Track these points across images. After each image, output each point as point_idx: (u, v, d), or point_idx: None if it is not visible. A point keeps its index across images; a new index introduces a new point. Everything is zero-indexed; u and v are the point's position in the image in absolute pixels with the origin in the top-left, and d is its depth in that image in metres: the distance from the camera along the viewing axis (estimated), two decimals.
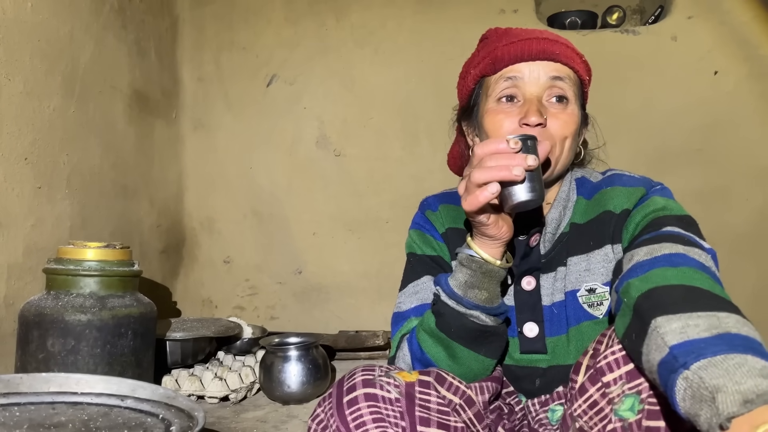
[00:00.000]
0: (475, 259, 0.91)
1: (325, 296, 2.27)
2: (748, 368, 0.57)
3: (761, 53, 1.96)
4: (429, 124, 2.14)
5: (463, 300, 0.92)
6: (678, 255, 0.78)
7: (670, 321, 0.66)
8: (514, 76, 0.99)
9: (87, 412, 0.95)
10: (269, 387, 1.56)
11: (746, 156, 1.98)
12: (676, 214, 0.91)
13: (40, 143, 1.56)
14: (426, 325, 0.96)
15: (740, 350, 0.59)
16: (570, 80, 0.99)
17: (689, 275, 0.73)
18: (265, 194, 2.30)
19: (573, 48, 1.02)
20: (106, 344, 1.32)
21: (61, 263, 1.37)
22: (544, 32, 1.03)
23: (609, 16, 2.17)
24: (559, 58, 0.99)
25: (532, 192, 0.86)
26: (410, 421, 0.82)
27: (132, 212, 2.01)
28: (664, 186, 1.01)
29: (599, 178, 1.07)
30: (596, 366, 0.79)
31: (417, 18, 2.18)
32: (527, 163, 0.84)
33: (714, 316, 0.65)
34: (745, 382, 0.55)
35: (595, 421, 0.78)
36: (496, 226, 0.89)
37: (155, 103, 2.15)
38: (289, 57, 2.27)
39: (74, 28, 1.69)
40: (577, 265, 1.00)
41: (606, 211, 0.99)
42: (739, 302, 2.14)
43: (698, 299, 0.68)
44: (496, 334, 0.94)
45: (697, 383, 0.58)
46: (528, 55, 0.99)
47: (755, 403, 0.54)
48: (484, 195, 0.84)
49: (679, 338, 0.64)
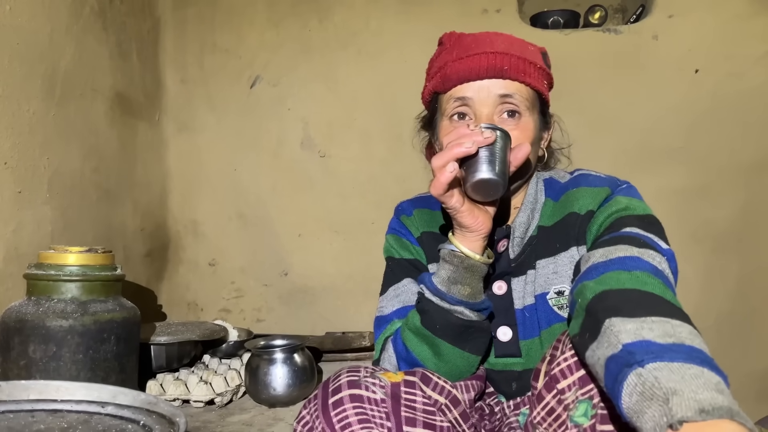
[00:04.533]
0: (457, 254, 0.91)
1: (312, 298, 2.26)
2: (705, 381, 0.57)
3: (741, 51, 1.98)
4: (413, 125, 2.13)
5: (447, 296, 0.92)
6: (632, 258, 0.78)
7: (625, 322, 0.66)
8: (463, 96, 0.99)
9: (66, 419, 0.94)
10: (255, 390, 1.55)
11: (727, 154, 2.00)
12: (637, 213, 0.92)
13: (20, 147, 1.54)
14: (411, 324, 0.96)
15: (697, 362, 0.59)
16: (521, 95, 0.98)
17: (642, 279, 0.73)
18: (250, 196, 2.29)
19: (525, 58, 0.99)
20: (89, 350, 1.30)
21: (42, 268, 1.35)
22: (496, 42, 1.01)
23: (591, 16, 2.18)
24: (508, 74, 0.97)
25: (490, 172, 0.86)
26: (396, 422, 0.82)
27: (115, 216, 1.99)
28: (630, 185, 1.01)
29: (567, 178, 1.07)
30: (551, 373, 0.80)
31: (400, 18, 2.18)
32: (483, 136, 0.85)
33: (668, 322, 0.65)
34: (701, 393, 0.56)
35: (554, 427, 0.79)
36: (472, 214, 0.89)
37: (138, 105, 2.13)
38: (273, 58, 2.26)
39: (54, 30, 1.67)
40: (545, 268, 1.01)
41: (571, 213, 1.00)
42: (722, 299, 2.17)
43: (652, 305, 0.69)
44: (481, 329, 0.95)
45: (651, 382, 0.58)
46: (475, 74, 0.98)
47: (711, 414, 0.54)
48: (444, 175, 0.85)
49: (634, 338, 0.64)
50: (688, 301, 2.05)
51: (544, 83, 1.02)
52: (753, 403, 1.95)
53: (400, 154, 2.17)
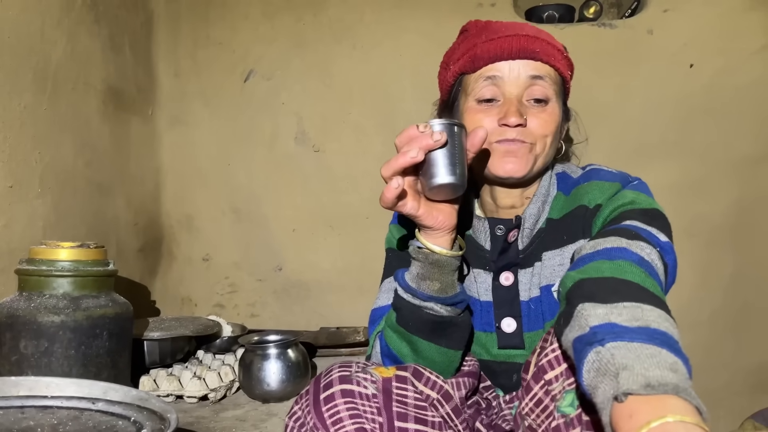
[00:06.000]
0: (422, 250, 0.91)
1: (306, 293, 2.26)
2: (660, 360, 0.58)
3: (736, 46, 1.98)
4: (408, 119, 2.12)
5: (417, 292, 0.91)
6: (618, 249, 0.78)
7: (596, 307, 0.67)
8: (493, 76, 0.99)
9: (57, 416, 0.93)
10: (249, 385, 1.55)
11: (722, 148, 2.00)
12: (641, 207, 0.92)
13: (11, 141, 1.53)
14: (389, 321, 0.96)
15: (657, 344, 0.60)
16: (550, 78, 0.99)
17: (623, 268, 0.74)
18: (244, 191, 2.28)
19: (554, 44, 1.01)
20: (81, 345, 1.29)
21: (34, 264, 1.34)
22: (525, 27, 1.02)
23: (586, 10, 2.18)
24: (539, 56, 0.98)
25: (447, 176, 0.82)
26: (387, 417, 0.82)
27: (108, 211, 1.98)
28: (642, 181, 1.01)
29: (579, 173, 1.07)
30: (539, 364, 0.80)
31: (395, 12, 2.17)
32: (433, 139, 0.83)
33: (638, 308, 0.66)
34: (653, 370, 0.57)
35: (542, 418, 0.79)
36: (431, 216, 0.88)
37: (131, 99, 2.12)
38: (267, 52, 2.25)
39: (45, 23, 1.66)
40: (551, 260, 1.01)
41: (580, 206, 1.00)
42: (716, 293, 2.16)
43: (627, 292, 0.69)
44: (454, 324, 0.94)
45: (607, 359, 0.60)
46: (508, 53, 0.98)
47: (656, 390, 0.55)
48: (389, 191, 0.84)
49: (601, 321, 0.65)
50: (682, 295, 2.05)
51: (568, 72, 1.04)
52: (747, 396, 1.96)
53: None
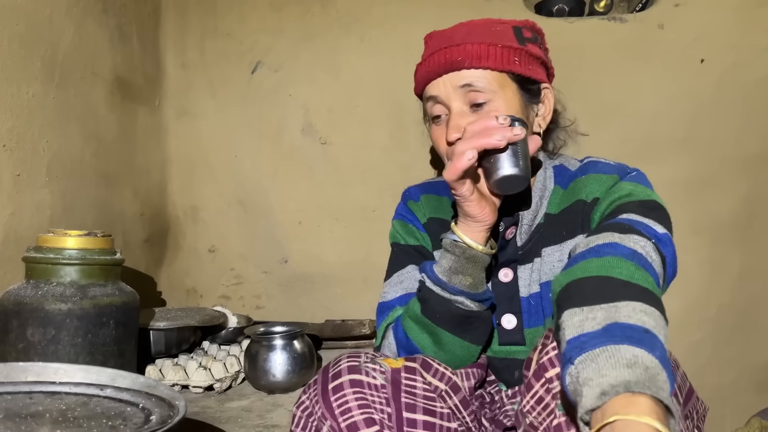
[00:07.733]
0: (459, 244, 0.91)
1: (311, 285, 2.26)
2: (616, 360, 0.58)
3: (747, 41, 1.96)
4: (416, 112, 2.11)
5: (448, 286, 0.91)
6: (609, 244, 0.78)
7: (573, 315, 0.67)
8: (433, 96, 1.03)
9: (65, 401, 0.93)
10: (254, 376, 1.55)
11: (731, 145, 1.99)
12: (638, 199, 0.91)
13: (19, 130, 1.53)
14: (411, 312, 0.96)
15: (617, 341, 0.60)
16: (484, 80, 0.97)
17: (610, 265, 0.73)
18: (250, 182, 2.28)
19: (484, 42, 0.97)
20: (88, 334, 1.30)
21: (41, 252, 1.34)
22: (454, 35, 1.01)
23: (596, 4, 2.16)
24: (464, 65, 0.97)
25: (515, 167, 0.86)
26: (396, 407, 0.82)
27: (114, 201, 1.98)
28: (640, 172, 1.00)
29: (577, 166, 1.06)
30: (540, 362, 0.80)
31: (402, 5, 2.16)
32: (513, 132, 0.85)
33: (614, 307, 0.65)
34: (608, 374, 0.56)
35: (543, 416, 0.79)
36: (479, 205, 0.89)
37: (138, 89, 2.12)
38: (274, 44, 2.24)
39: (53, 12, 1.65)
40: (551, 255, 1.00)
41: (578, 200, 0.99)
42: (724, 290, 2.16)
43: (608, 290, 0.69)
44: (481, 319, 0.94)
45: (576, 377, 0.60)
46: (435, 72, 1.01)
47: (608, 394, 0.55)
48: (461, 161, 0.85)
49: (576, 332, 0.65)
50: (689, 292, 2.04)
51: (514, 60, 0.98)
52: (754, 393, 1.95)
53: (402, 141, 2.16)
